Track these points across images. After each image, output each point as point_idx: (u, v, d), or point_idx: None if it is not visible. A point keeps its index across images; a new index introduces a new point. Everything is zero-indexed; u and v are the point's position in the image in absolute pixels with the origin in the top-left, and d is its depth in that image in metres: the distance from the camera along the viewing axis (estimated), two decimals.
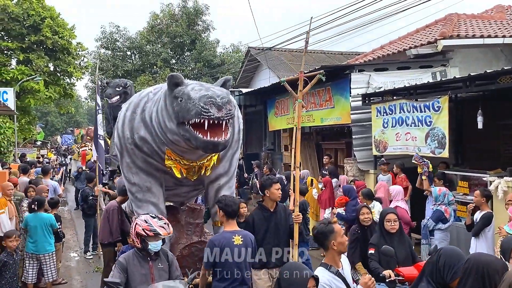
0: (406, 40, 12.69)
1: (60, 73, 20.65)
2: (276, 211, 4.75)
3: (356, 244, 5.10)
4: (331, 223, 3.37)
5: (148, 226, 3.56)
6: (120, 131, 4.84)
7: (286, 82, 5.10)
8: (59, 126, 50.28)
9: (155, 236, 3.55)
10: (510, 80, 6.44)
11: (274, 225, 4.68)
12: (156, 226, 3.57)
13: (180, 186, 5.20)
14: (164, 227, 3.62)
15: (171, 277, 3.70)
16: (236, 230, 4.10)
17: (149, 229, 3.54)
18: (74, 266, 8.61)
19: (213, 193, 5.03)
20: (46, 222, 6.56)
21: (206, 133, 3.87)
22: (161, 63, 25.81)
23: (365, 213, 5.24)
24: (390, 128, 8.73)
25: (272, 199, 4.72)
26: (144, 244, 3.57)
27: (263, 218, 4.67)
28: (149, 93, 4.80)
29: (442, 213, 6.76)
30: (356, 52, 19.95)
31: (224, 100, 3.84)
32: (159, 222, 3.63)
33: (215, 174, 4.94)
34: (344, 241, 3.31)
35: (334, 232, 3.29)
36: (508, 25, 12.01)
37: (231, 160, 5.09)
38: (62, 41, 19.25)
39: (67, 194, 18.55)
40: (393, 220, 4.56)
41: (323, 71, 4.76)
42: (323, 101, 10.90)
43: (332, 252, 3.30)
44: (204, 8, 27.28)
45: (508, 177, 6.61)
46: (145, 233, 3.54)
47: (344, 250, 3.38)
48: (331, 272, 3.24)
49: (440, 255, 2.69)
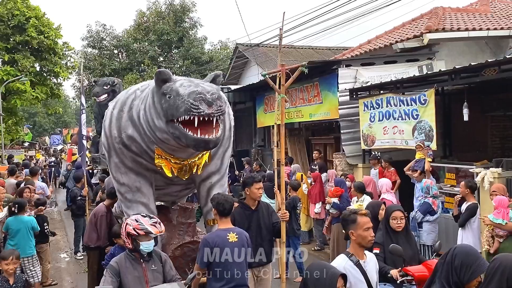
0: (392, 34, 12.76)
1: (47, 73, 20.44)
2: (258, 209, 4.68)
3: None
4: (356, 213, 3.29)
5: (138, 225, 3.46)
6: (107, 130, 4.68)
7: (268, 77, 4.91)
8: (47, 126, 49.80)
9: (146, 236, 3.45)
10: (494, 72, 6.51)
11: (256, 223, 4.61)
12: (147, 224, 3.48)
13: (171, 185, 5.08)
14: (156, 225, 3.53)
15: (166, 278, 3.62)
16: (231, 227, 4.05)
17: (139, 228, 3.45)
18: (65, 267, 8.57)
19: (205, 192, 4.90)
20: (28, 225, 6.41)
21: (197, 131, 3.72)
22: (148, 61, 25.63)
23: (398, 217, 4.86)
24: (377, 122, 8.80)
25: (252, 198, 4.66)
26: (135, 245, 3.47)
27: (244, 217, 4.59)
28: (136, 90, 4.64)
29: (429, 205, 6.83)
30: (343, 47, 20.01)
31: (214, 96, 3.70)
32: (150, 221, 3.54)
33: (207, 173, 4.81)
34: (366, 235, 3.21)
35: (356, 223, 3.23)
36: (492, 17, 12.15)
37: (223, 158, 4.96)
38: (48, 41, 19.04)
39: (56, 195, 18.42)
40: (400, 218, 4.30)
41: (305, 64, 4.60)
42: (311, 96, 10.94)
43: (352, 242, 3.27)
44: (191, 5, 27.15)
45: (494, 168, 6.70)
46: (136, 232, 3.44)
47: (366, 244, 3.26)
48: (351, 260, 3.18)
49: (455, 254, 2.59)
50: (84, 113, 8.72)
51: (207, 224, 5.10)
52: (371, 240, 3.26)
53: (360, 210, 3.38)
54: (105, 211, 6.14)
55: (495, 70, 6.50)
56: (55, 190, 19.84)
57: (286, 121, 13.73)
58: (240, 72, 20.83)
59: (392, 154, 8.88)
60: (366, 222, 3.25)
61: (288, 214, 4.62)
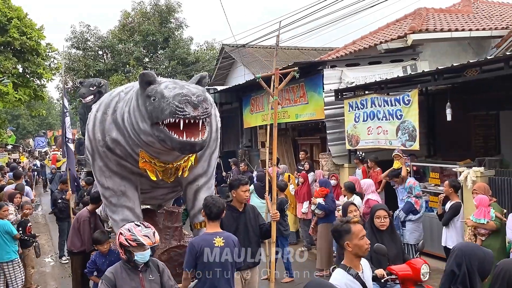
0: (377, 35, 12.87)
1: (30, 75, 20.11)
2: (245, 211, 4.65)
3: None
4: (348, 222, 3.09)
5: (131, 235, 3.27)
6: (90, 133, 4.62)
7: (261, 79, 4.99)
8: (31, 128, 49.06)
9: (139, 246, 3.27)
10: (476, 72, 6.61)
11: (244, 225, 4.57)
12: (139, 235, 3.28)
13: (157, 189, 5.02)
14: (149, 235, 3.32)
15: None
16: (218, 231, 3.99)
17: (132, 238, 3.26)
18: (49, 271, 8.46)
19: (192, 195, 4.87)
20: (1, 230, 6.27)
21: (182, 133, 3.68)
22: (134, 62, 25.41)
23: (353, 210, 5.02)
24: (361, 122, 8.87)
25: (238, 200, 4.62)
26: (129, 255, 3.29)
27: (232, 219, 4.54)
28: (120, 92, 4.58)
29: (412, 204, 6.93)
30: (329, 47, 20.11)
31: (200, 98, 3.65)
32: (144, 231, 3.33)
33: (193, 175, 4.77)
34: (362, 244, 3.04)
35: (350, 232, 3.03)
36: (475, 18, 12.33)
37: (210, 160, 4.92)
38: (31, 42, 18.73)
39: (41, 198, 18.19)
40: (383, 216, 4.35)
41: (297, 68, 4.70)
42: (297, 97, 10.98)
43: (348, 253, 3.07)
44: (176, 5, 26.98)
45: (477, 167, 6.80)
46: (128, 243, 3.27)
47: (362, 253, 3.08)
48: (350, 274, 3.00)
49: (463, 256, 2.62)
50: (67, 115, 8.55)
51: (194, 227, 5.07)
52: (367, 249, 3.10)
53: (351, 218, 3.23)
54: (88, 216, 6.05)
55: (477, 70, 6.60)
56: (40, 193, 19.60)
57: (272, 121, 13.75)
58: (227, 73, 20.79)
59: (378, 154, 8.95)
60: (360, 230, 3.09)
61: (279, 214, 4.64)
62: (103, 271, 5.07)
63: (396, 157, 7.64)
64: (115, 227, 4.71)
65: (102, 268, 5.11)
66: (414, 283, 3.97)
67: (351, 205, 5.14)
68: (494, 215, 5.34)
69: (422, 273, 3.94)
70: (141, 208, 5.06)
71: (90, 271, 5.24)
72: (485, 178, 6.67)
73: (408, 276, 3.95)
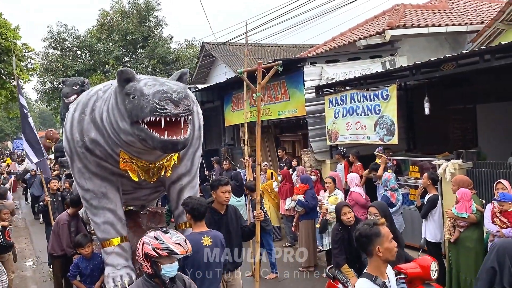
0: (356, 31, 12.99)
1: (6, 76, 19.71)
2: (227, 213, 4.53)
3: (341, 244, 4.80)
4: (376, 224, 2.78)
5: (159, 243, 2.83)
6: (68, 133, 4.44)
7: (243, 74, 4.86)
8: (8, 131, 48.07)
9: (169, 257, 2.83)
10: (452, 67, 6.73)
11: (226, 228, 4.42)
12: (170, 243, 2.85)
13: (139, 189, 4.88)
14: (181, 243, 2.89)
15: None
16: (205, 230, 3.96)
17: (161, 247, 2.81)
18: (30, 275, 8.32)
19: (176, 195, 4.74)
20: None
21: (164, 132, 3.51)
22: (113, 62, 25.09)
23: (347, 212, 4.86)
24: (341, 118, 8.96)
25: (218, 202, 4.48)
26: (155, 269, 2.82)
27: (213, 222, 4.39)
28: (98, 91, 4.40)
29: (388, 198, 7.09)
30: (309, 44, 20.21)
31: (181, 95, 3.48)
32: (174, 237, 2.91)
33: (177, 174, 4.63)
34: (392, 247, 2.75)
35: (380, 235, 2.73)
36: (451, 14, 12.56)
37: (193, 159, 4.76)
38: (6, 43, 18.35)
39: (20, 202, 17.88)
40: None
41: (281, 62, 4.62)
42: (278, 94, 11.02)
43: (376, 259, 2.75)
44: (155, 4, 26.76)
45: (455, 160, 6.93)
46: (157, 253, 2.81)
47: (392, 257, 2.77)
48: (377, 284, 2.69)
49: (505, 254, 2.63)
50: (30, 116, 7.94)
51: (178, 227, 4.92)
52: (396, 251, 2.82)
53: (378, 220, 2.92)
54: (67, 219, 5.87)
55: (453, 64, 6.71)
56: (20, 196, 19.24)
57: (254, 119, 13.74)
58: (208, 71, 20.71)
59: (360, 148, 9.05)
60: (388, 231, 2.81)
61: (263, 214, 4.54)
62: (86, 275, 4.98)
63: (377, 156, 7.89)
64: (97, 230, 4.60)
65: (85, 272, 5.00)
66: (422, 282, 3.90)
67: (345, 206, 4.92)
68: (476, 208, 5.44)
69: (431, 270, 3.88)
70: (124, 210, 4.95)
71: (72, 275, 5.09)
72: (463, 170, 6.80)
73: (417, 274, 3.86)
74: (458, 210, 5.42)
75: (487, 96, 9.41)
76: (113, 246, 4.50)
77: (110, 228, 4.50)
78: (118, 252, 4.51)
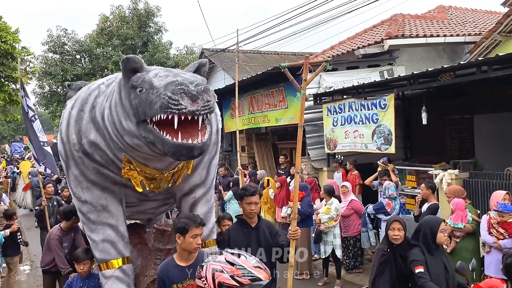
0: (354, 40, 13.06)
1: (5, 79, 19.70)
2: (259, 227, 3.87)
3: (385, 266, 4.05)
4: None
5: (238, 270, 2.27)
6: (64, 135, 3.71)
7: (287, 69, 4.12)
8: (6, 134, 47.99)
9: (250, 285, 2.28)
10: (450, 77, 6.77)
11: (256, 243, 3.79)
12: (250, 267, 2.29)
13: (146, 202, 4.15)
14: (261, 266, 2.36)
15: None
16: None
17: (241, 274, 2.26)
18: (24, 279, 8.26)
19: (188, 208, 3.98)
20: None
21: (177, 134, 2.84)
22: (112, 66, 25.10)
23: (396, 228, 4.08)
24: (339, 126, 8.99)
25: (244, 213, 3.89)
26: None
27: (242, 235, 3.82)
28: (100, 84, 3.71)
29: (383, 205, 7.13)
30: (308, 52, 20.28)
31: (199, 88, 2.80)
32: (251, 261, 2.35)
33: (190, 185, 3.90)
34: None
35: None
36: (449, 24, 12.64)
37: (209, 167, 4.00)
38: (5, 46, 18.36)
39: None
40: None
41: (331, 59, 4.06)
42: (277, 101, 11.05)
43: None
44: (155, 9, 26.85)
45: (452, 170, 6.95)
46: (238, 282, 2.24)
47: None
48: None
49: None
50: (36, 119, 7.60)
51: None
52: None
53: None
54: (58, 234, 5.22)
55: (451, 75, 6.76)
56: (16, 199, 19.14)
57: (252, 126, 13.77)
58: (207, 77, 20.67)
59: (357, 157, 9.08)
60: None
61: (300, 232, 3.81)
62: None
63: (380, 166, 7.93)
64: (94, 249, 3.89)
65: None
66: None
67: (396, 221, 4.16)
68: (471, 218, 5.45)
69: None
70: (127, 224, 4.27)
71: None
72: (459, 180, 6.82)
73: None
74: (454, 221, 5.44)
75: (484, 107, 9.46)
76: (113, 269, 3.81)
77: (110, 247, 3.80)
78: (119, 277, 3.82)
